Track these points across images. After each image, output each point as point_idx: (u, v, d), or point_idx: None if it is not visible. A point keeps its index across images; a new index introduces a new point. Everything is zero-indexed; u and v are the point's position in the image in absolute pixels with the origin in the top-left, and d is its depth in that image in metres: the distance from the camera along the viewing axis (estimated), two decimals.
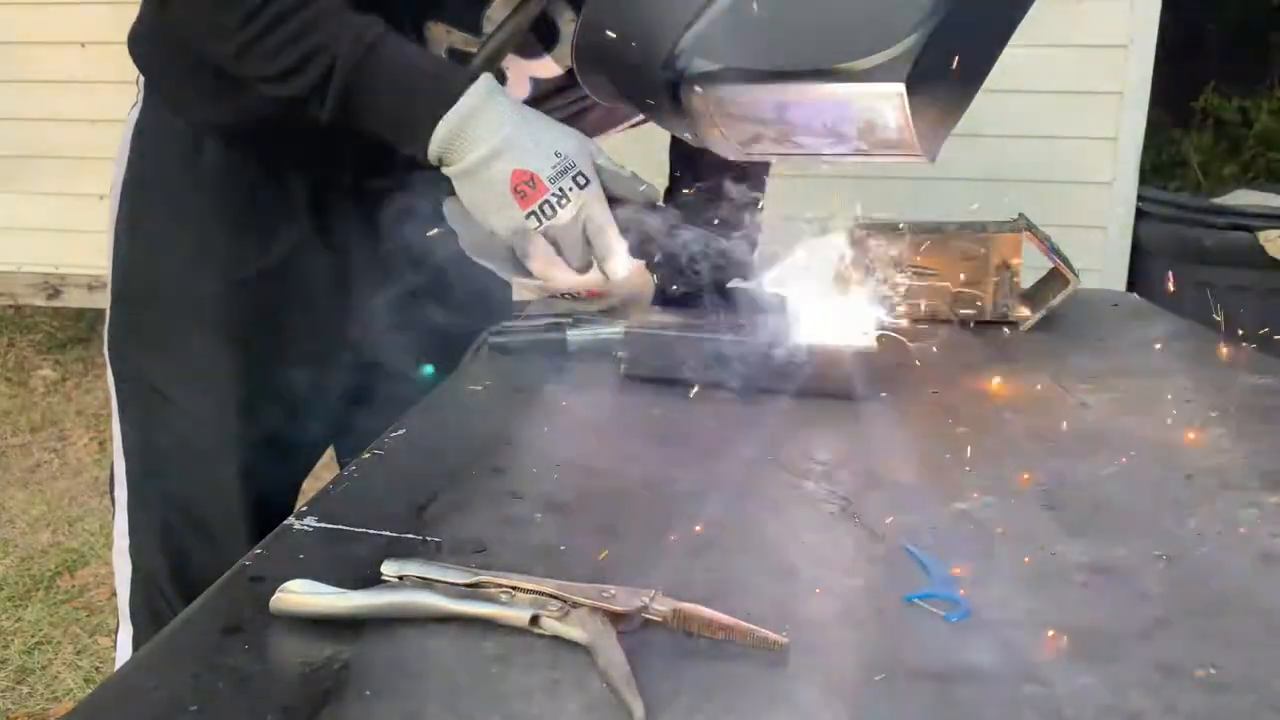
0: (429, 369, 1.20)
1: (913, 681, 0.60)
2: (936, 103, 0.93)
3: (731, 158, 1.06)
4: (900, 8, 0.89)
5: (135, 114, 1.21)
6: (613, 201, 1.00)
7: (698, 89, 0.96)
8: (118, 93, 1.30)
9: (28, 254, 4.19)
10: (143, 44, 1.19)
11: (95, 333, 4.10)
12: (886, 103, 0.90)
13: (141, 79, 1.21)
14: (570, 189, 0.97)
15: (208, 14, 1.00)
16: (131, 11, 1.17)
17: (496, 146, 0.96)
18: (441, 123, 0.96)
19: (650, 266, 1.06)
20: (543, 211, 0.97)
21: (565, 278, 1.02)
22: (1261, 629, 0.66)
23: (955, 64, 0.92)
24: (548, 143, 0.98)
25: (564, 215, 0.97)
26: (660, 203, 1.05)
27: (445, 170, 0.99)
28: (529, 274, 1.04)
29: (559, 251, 1.00)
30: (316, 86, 0.97)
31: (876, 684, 0.60)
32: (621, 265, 1.01)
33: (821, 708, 0.58)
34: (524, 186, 0.96)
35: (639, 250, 1.03)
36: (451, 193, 1.01)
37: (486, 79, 0.98)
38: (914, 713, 0.58)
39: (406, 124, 0.98)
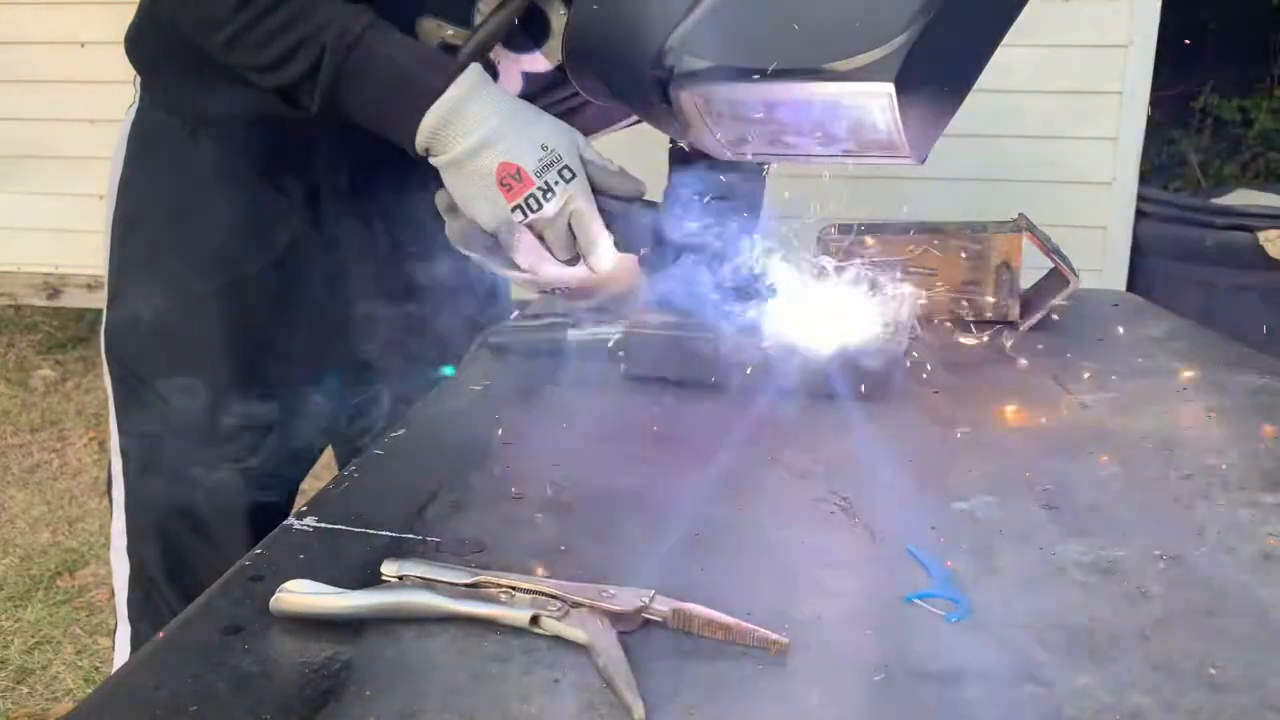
0: (449, 369, 1.20)
1: (913, 681, 0.60)
2: (926, 103, 0.92)
3: (721, 158, 1.05)
4: (890, 7, 0.89)
5: (131, 115, 1.21)
6: (601, 196, 1.00)
7: (686, 88, 0.96)
8: (118, 93, 1.29)
9: (28, 254, 4.18)
10: (139, 42, 1.19)
11: (95, 333, 4.06)
12: (875, 102, 0.90)
13: (138, 80, 1.21)
14: (556, 182, 0.97)
15: (199, 4, 1.00)
16: (131, 11, 1.17)
17: (483, 138, 0.96)
18: (429, 113, 0.96)
19: (640, 261, 1.06)
20: (528, 204, 0.97)
21: (551, 271, 1.02)
22: (1261, 629, 0.66)
23: (946, 65, 0.91)
24: (534, 135, 0.97)
25: (549, 208, 0.97)
26: (650, 198, 1.04)
27: (432, 161, 0.99)
28: (515, 266, 1.03)
29: (545, 244, 1.00)
30: (306, 75, 0.97)
31: (876, 684, 0.60)
32: (606, 258, 1.01)
33: (821, 708, 0.58)
34: (510, 179, 0.96)
35: (627, 245, 1.03)
36: (441, 184, 1.01)
37: (475, 70, 0.98)
38: (914, 713, 0.58)
39: (394, 114, 0.98)
